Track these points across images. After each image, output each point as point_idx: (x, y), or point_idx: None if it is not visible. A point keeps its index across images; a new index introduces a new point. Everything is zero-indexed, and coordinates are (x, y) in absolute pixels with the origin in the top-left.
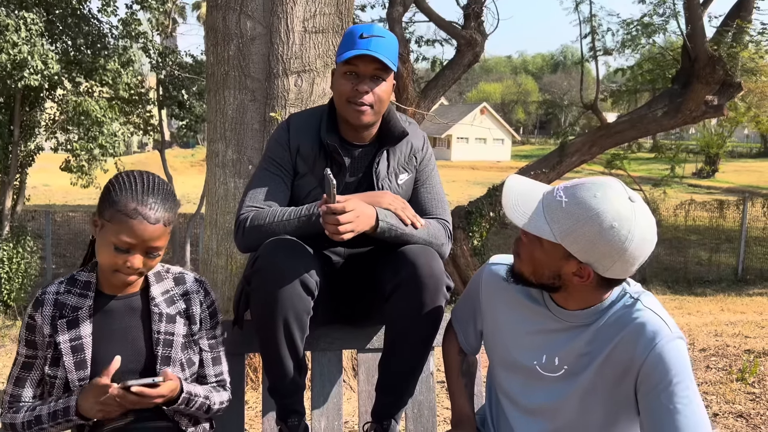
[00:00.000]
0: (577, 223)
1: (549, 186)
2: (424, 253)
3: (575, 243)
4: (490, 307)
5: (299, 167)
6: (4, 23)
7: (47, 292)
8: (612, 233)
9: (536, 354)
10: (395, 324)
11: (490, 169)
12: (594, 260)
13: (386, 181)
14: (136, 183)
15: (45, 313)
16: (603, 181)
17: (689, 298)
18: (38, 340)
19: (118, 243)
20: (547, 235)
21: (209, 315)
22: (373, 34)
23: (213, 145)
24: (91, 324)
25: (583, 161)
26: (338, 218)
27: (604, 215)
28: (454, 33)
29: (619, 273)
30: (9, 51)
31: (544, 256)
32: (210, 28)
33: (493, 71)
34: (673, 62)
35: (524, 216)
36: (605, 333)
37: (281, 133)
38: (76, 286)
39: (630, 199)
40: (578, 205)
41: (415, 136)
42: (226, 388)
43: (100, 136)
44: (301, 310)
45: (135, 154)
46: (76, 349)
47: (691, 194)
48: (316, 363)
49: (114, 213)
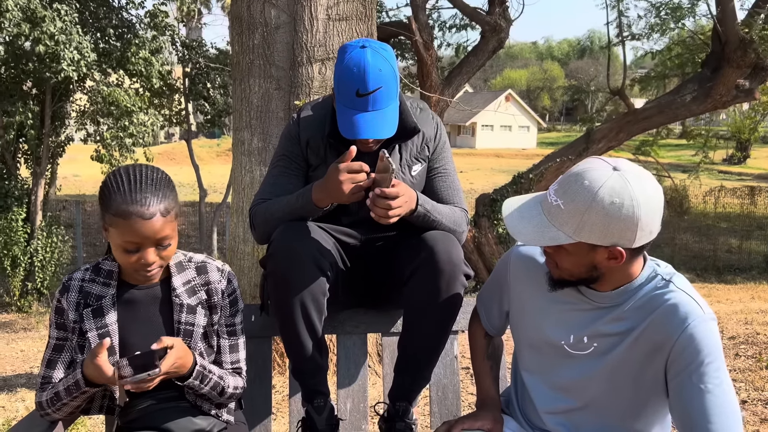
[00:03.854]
0: (583, 216)
1: (540, 193)
2: (443, 239)
3: (591, 234)
4: (517, 287)
5: (311, 159)
6: (41, 14)
7: (73, 278)
8: (617, 209)
9: (564, 333)
10: (412, 307)
11: (515, 157)
12: (617, 239)
13: (399, 174)
14: (122, 182)
15: (71, 299)
16: (584, 167)
17: (718, 286)
18: (67, 323)
19: (124, 245)
20: (564, 239)
21: (229, 303)
22: (369, 90)
23: (239, 134)
24: (116, 312)
25: (610, 148)
26: (390, 203)
27: (601, 197)
28: (479, 19)
29: (646, 237)
30: (47, 42)
31: (572, 257)
32: (235, 18)
33: (518, 58)
34: (702, 46)
35: (535, 234)
36: (637, 313)
37: (291, 126)
38: (100, 275)
39: (615, 169)
40: (574, 201)
41: (426, 124)
42: (242, 376)
43: (131, 126)
44: (317, 291)
45: (162, 144)
46: (103, 336)
47: (722, 181)
48: (341, 346)
49: (110, 217)
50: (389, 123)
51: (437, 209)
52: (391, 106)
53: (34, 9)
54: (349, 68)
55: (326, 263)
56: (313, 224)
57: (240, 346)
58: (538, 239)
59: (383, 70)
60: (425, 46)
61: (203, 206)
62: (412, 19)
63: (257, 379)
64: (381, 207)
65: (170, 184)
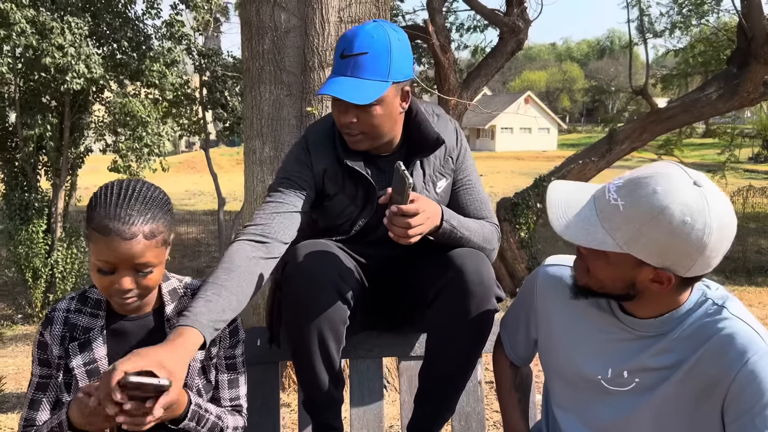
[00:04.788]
0: (643, 226)
1: (595, 186)
2: (473, 257)
3: (645, 249)
4: (546, 313)
5: (328, 189)
6: (50, 26)
7: (57, 309)
8: (686, 230)
9: (601, 366)
10: (437, 332)
11: (535, 159)
12: (671, 262)
13: (423, 193)
14: (110, 196)
15: (54, 332)
16: (659, 170)
17: (749, 289)
18: (51, 358)
19: (99, 264)
20: (610, 246)
21: (229, 333)
22: (353, 52)
23: (250, 143)
24: (105, 345)
25: (633, 148)
26: (409, 221)
27: (672, 211)
28: (497, 20)
29: (703, 268)
30: (54, 54)
31: (611, 268)
32: (244, 22)
33: (536, 59)
34: (727, 43)
35: (579, 230)
36: (685, 344)
37: (300, 152)
38: (87, 305)
39: (696, 184)
40: (638, 206)
41: (447, 132)
42: (242, 414)
43: (146, 136)
44: (337, 320)
45: (183, 153)
46: (92, 373)
47: (749, 180)
48: (354, 371)
49: (90, 231)
50: (362, 92)
51: (465, 225)
52: (374, 83)
53: (43, 21)
54: (345, 34)
55: (347, 289)
56: (332, 243)
57: (240, 381)
58: (581, 237)
59: (376, 37)
60: (442, 48)
61: (222, 214)
62: (428, 21)
63: (264, 407)
64: (399, 226)
65: (165, 206)
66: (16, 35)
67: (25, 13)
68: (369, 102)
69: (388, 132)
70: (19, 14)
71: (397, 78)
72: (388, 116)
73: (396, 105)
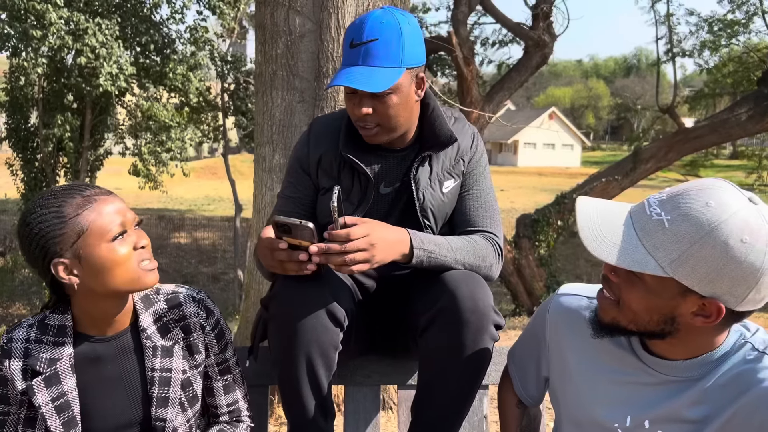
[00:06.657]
0: (693, 245)
1: (630, 204)
2: (466, 280)
3: (694, 273)
4: (558, 349)
5: (322, 182)
6: (84, 27)
7: (14, 340)
8: (744, 250)
9: (619, 413)
10: (428, 364)
11: (558, 175)
12: (723, 291)
13: (428, 190)
14: (51, 195)
15: (14, 367)
16: (710, 184)
17: None
18: (11, 395)
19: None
20: (652, 268)
21: (215, 338)
22: (363, 40)
23: (260, 149)
24: (74, 376)
25: (658, 168)
26: (342, 247)
27: (728, 229)
28: (522, 34)
29: (758, 302)
30: (88, 54)
31: (649, 297)
32: (258, 26)
33: (562, 75)
34: (758, 63)
35: (614, 248)
36: (719, 393)
37: (301, 146)
38: (48, 333)
39: (751, 201)
40: (688, 221)
41: (463, 134)
42: (242, 419)
43: (168, 141)
44: (327, 343)
45: (204, 159)
46: (61, 408)
47: None
48: (350, 399)
49: (74, 226)
50: (376, 80)
51: (448, 245)
52: (388, 70)
53: (77, 21)
54: (352, 23)
55: (341, 311)
56: None
57: (237, 382)
58: (618, 257)
59: (385, 23)
60: (465, 61)
61: (238, 221)
62: (452, 33)
63: None
64: (332, 253)
65: None
66: (51, 36)
67: (60, 14)
68: (384, 89)
69: (404, 122)
70: (54, 15)
71: (410, 63)
72: (404, 105)
73: (411, 93)
